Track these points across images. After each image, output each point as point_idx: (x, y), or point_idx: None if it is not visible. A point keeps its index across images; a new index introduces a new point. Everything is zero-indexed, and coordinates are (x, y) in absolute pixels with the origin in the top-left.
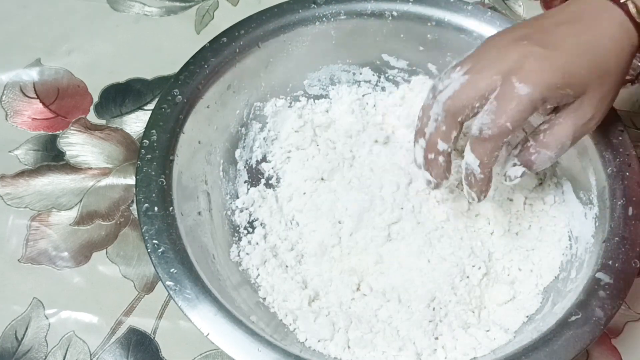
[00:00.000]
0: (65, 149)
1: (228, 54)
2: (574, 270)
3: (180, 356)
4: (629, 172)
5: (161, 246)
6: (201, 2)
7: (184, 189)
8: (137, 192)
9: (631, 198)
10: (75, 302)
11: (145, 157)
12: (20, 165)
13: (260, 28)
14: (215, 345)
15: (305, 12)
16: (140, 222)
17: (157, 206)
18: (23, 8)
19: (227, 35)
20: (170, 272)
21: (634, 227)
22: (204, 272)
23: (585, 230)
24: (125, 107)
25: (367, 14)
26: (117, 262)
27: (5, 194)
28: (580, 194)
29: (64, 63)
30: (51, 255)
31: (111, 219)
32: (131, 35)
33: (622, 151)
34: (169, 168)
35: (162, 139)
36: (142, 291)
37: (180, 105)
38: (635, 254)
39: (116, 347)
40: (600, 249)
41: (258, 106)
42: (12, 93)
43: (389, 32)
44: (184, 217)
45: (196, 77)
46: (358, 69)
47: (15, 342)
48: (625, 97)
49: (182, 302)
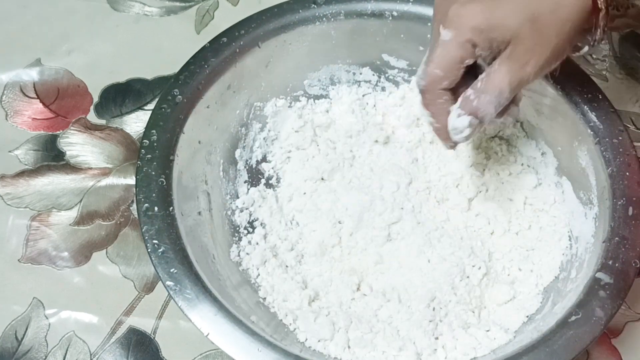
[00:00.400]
0: (66, 149)
1: (228, 54)
2: (574, 270)
3: (180, 356)
4: (629, 172)
5: (161, 246)
6: (201, 2)
7: (184, 189)
8: (137, 192)
9: (631, 198)
10: (75, 302)
11: (145, 157)
12: (20, 165)
13: (261, 28)
14: (216, 345)
15: (306, 12)
16: (140, 222)
17: (157, 206)
18: (23, 8)
19: (227, 35)
20: (170, 272)
21: (634, 227)
22: (204, 272)
23: (586, 230)
24: (125, 107)
25: (367, 14)
26: (117, 262)
27: (5, 194)
28: (581, 194)
29: (64, 63)
30: (51, 255)
31: (111, 219)
32: (131, 35)
33: (622, 151)
34: (169, 168)
35: (163, 138)
36: (142, 291)
37: (180, 105)
38: (635, 254)
39: (116, 347)
40: (600, 249)
41: (258, 106)
42: (12, 93)
43: (389, 32)
44: (184, 217)
45: (196, 77)
46: (358, 69)
47: (15, 342)
48: (625, 97)
49: (182, 302)
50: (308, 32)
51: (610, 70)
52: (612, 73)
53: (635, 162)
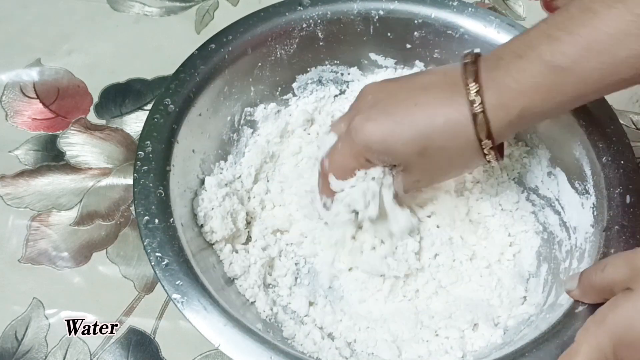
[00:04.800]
0: (66, 149)
1: (217, 61)
2: (576, 260)
3: (180, 356)
4: (623, 161)
5: (165, 259)
6: (201, 2)
7: (181, 199)
8: (137, 205)
9: (628, 186)
10: (75, 302)
11: (141, 169)
12: (20, 166)
13: (248, 33)
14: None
15: (292, 15)
16: (142, 235)
17: (158, 218)
18: (23, 8)
19: (215, 42)
20: (176, 285)
21: (632, 215)
22: (209, 282)
23: (584, 220)
24: (125, 107)
25: (353, 14)
26: (117, 262)
27: (5, 194)
28: (576, 184)
29: (64, 63)
30: (51, 255)
31: (111, 219)
32: (131, 35)
33: (616, 140)
34: (166, 179)
35: (157, 149)
36: (142, 291)
37: (173, 114)
38: (635, 242)
39: (116, 347)
40: (601, 238)
41: (249, 111)
42: (12, 93)
43: (376, 31)
44: (184, 228)
45: (187, 85)
46: (346, 69)
47: (15, 342)
48: (625, 97)
49: (190, 314)
50: (295, 34)
51: None
52: None
53: (629, 150)
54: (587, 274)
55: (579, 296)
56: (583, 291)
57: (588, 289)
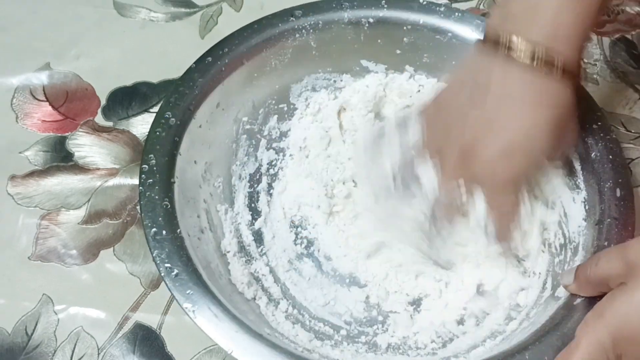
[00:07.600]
0: (74, 150)
1: (214, 73)
2: (570, 253)
3: (185, 350)
4: (612, 155)
5: (174, 269)
6: (205, 8)
7: (186, 210)
8: (143, 217)
9: (617, 180)
10: (83, 299)
11: (147, 181)
12: (30, 166)
13: (243, 45)
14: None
15: (285, 25)
16: (150, 247)
17: (165, 230)
18: (33, 14)
19: (212, 55)
20: (186, 294)
21: (623, 207)
22: (218, 290)
23: (576, 214)
24: (131, 109)
25: (344, 23)
26: (123, 259)
27: (15, 194)
28: (567, 179)
29: (73, 67)
30: (60, 253)
31: (118, 217)
32: (137, 40)
33: (603, 135)
34: (171, 191)
35: (161, 162)
36: (148, 288)
37: (174, 127)
38: (628, 234)
39: (123, 342)
40: (594, 231)
41: (246, 121)
42: (22, 96)
43: (367, 38)
44: (190, 238)
45: (186, 98)
46: (339, 76)
47: (25, 337)
48: (616, 99)
49: (202, 322)
50: (289, 44)
51: (601, 74)
52: (603, 77)
53: (617, 145)
54: (583, 268)
55: (576, 290)
56: (579, 285)
57: (584, 283)
